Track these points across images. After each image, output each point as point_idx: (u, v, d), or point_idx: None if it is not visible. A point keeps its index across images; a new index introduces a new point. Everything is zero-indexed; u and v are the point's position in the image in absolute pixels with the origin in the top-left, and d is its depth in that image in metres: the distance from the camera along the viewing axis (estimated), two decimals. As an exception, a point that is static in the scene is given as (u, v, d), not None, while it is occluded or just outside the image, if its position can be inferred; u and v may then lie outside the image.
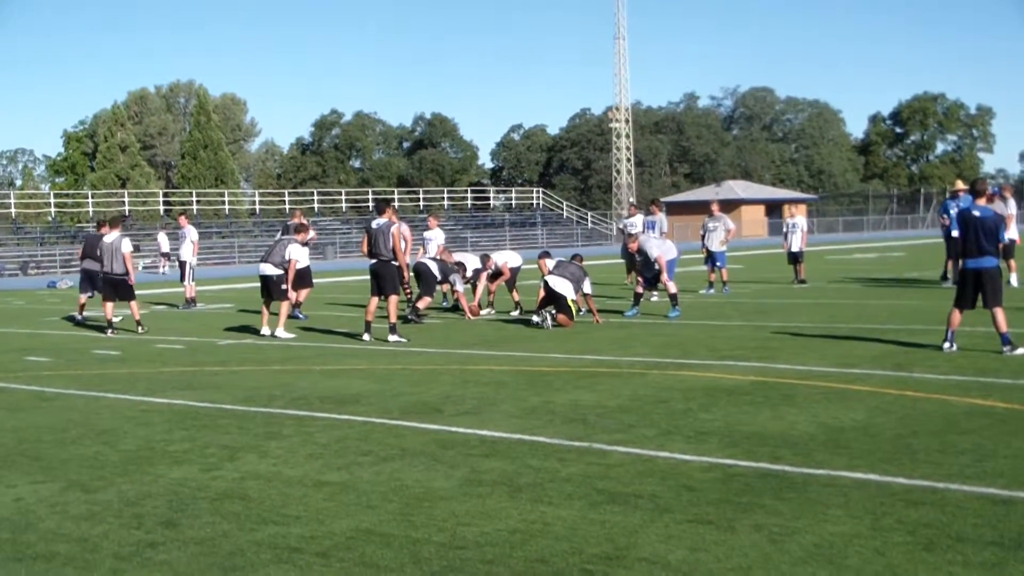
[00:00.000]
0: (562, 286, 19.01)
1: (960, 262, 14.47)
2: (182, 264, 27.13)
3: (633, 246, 21.00)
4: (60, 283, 42.94)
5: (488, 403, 11.27)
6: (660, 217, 26.56)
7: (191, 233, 27.38)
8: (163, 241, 52.24)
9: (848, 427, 9.46)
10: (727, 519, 6.74)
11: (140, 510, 7.40)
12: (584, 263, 20.09)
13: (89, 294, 23.44)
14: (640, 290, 21.23)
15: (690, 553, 6.11)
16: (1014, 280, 24.56)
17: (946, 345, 14.17)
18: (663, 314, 20.46)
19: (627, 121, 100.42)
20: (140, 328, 20.58)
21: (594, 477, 7.90)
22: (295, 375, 14.08)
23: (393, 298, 17.79)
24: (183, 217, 28.76)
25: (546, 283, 19.19)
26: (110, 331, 20.65)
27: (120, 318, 21.58)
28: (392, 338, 17.50)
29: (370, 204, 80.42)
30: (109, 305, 20.92)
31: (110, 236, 20.78)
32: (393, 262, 17.65)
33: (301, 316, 22.27)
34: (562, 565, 5.96)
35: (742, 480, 7.69)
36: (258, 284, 20.02)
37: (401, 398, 11.80)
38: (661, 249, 21.00)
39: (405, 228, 19.98)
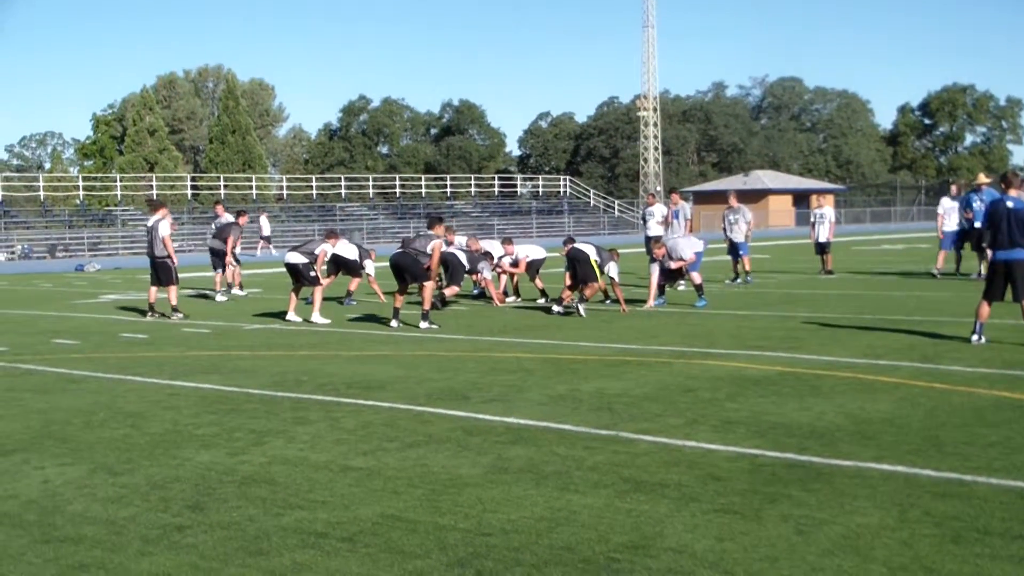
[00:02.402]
0: (584, 248, 19.05)
1: (990, 254, 14.34)
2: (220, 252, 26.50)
3: (660, 252, 20.38)
4: (88, 266, 43.12)
5: (515, 390, 11.28)
6: (683, 206, 26.02)
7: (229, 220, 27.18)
8: (264, 224, 52.70)
9: (875, 419, 9.43)
10: (754, 509, 6.72)
11: (167, 493, 7.43)
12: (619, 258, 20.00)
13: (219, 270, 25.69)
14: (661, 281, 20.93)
15: (716, 543, 6.09)
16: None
17: (974, 338, 14.09)
18: (690, 303, 20.41)
19: (655, 110, 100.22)
20: (176, 314, 20.39)
21: (620, 466, 7.89)
22: (322, 360, 14.11)
23: (428, 284, 17.83)
24: (219, 206, 28.52)
25: (569, 253, 19.19)
26: (150, 315, 20.74)
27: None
28: (423, 325, 17.55)
29: (397, 191, 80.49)
30: (153, 289, 21.09)
31: (152, 219, 21.05)
32: (420, 258, 17.69)
33: (352, 303, 22.43)
34: (588, 553, 5.96)
35: (769, 470, 7.67)
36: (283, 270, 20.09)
37: (427, 384, 11.81)
38: (689, 247, 20.81)
39: (448, 237, 19.89)
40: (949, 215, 26.88)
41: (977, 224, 25.55)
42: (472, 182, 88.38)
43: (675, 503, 6.89)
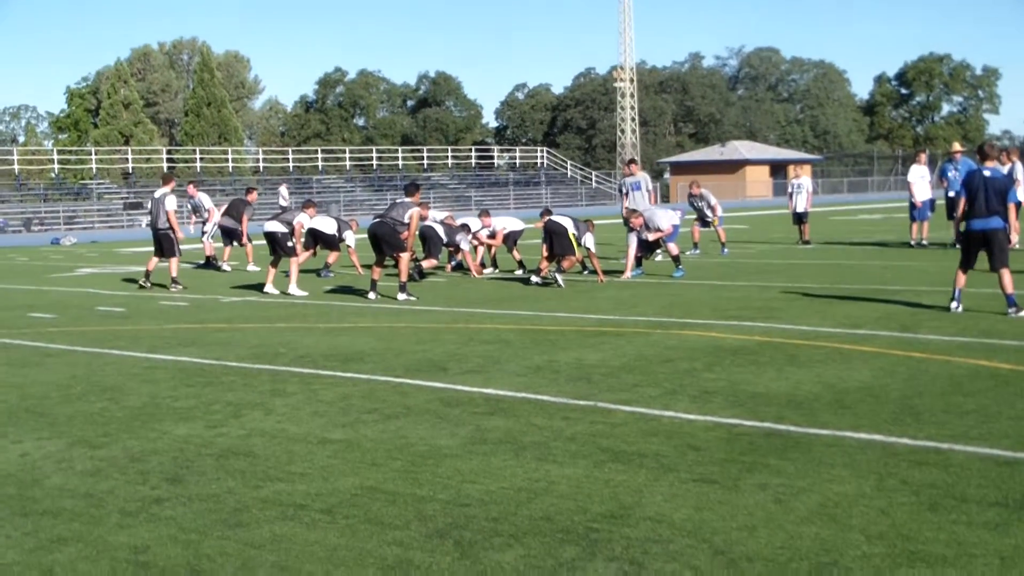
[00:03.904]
0: (562, 220, 19.12)
1: (964, 223, 14.38)
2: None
3: (637, 222, 20.38)
4: (63, 239, 42.92)
5: (493, 362, 11.28)
6: (641, 176, 24.57)
7: (206, 201, 27.03)
8: (284, 194, 52.50)
9: (853, 388, 9.46)
10: (732, 478, 6.74)
11: (145, 466, 7.41)
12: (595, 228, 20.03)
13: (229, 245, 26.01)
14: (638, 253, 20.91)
15: (695, 512, 6.11)
16: (1016, 242, 24.48)
17: (953, 304, 14.15)
18: (667, 274, 20.43)
19: (632, 81, 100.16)
20: (175, 286, 20.56)
21: (599, 436, 7.91)
22: (299, 333, 14.09)
23: (404, 256, 17.81)
24: (192, 186, 28.21)
25: (547, 226, 19.22)
26: (143, 281, 21.06)
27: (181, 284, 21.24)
28: (401, 296, 17.55)
29: (374, 163, 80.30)
30: (154, 259, 21.37)
31: (159, 191, 21.36)
32: (398, 228, 17.67)
33: (329, 275, 22.39)
34: (567, 523, 5.97)
35: (747, 440, 7.69)
36: (263, 242, 20.07)
37: (406, 356, 11.80)
38: (667, 218, 20.86)
39: (422, 212, 19.75)
40: (918, 184, 26.78)
41: (951, 193, 25.63)
42: (449, 154, 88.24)
43: (653, 473, 6.91)
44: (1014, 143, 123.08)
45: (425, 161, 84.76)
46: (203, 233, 26.73)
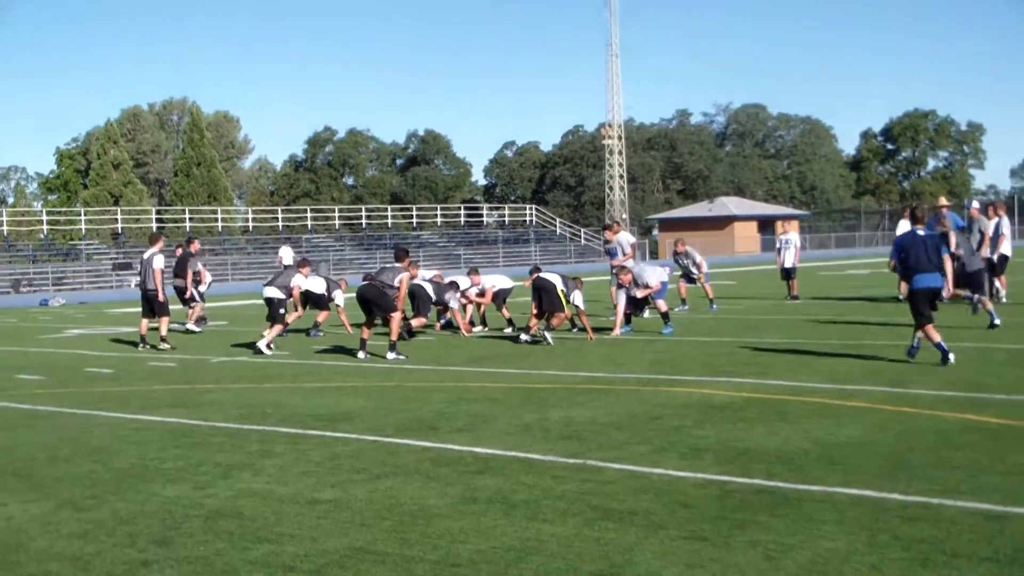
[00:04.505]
0: (550, 277, 19.17)
1: (910, 281, 14.63)
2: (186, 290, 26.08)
3: (626, 279, 20.36)
4: (52, 300, 42.83)
5: (482, 420, 11.26)
6: (617, 241, 23.41)
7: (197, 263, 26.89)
8: (286, 254, 52.55)
9: (842, 443, 9.46)
10: (722, 536, 6.72)
11: (133, 528, 7.37)
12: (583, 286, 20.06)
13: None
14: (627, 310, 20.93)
15: (686, 570, 6.09)
16: (1003, 296, 24.58)
17: (951, 356, 14.23)
18: (656, 331, 20.43)
19: (620, 138, 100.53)
20: (163, 344, 20.79)
21: (589, 494, 7.88)
22: (288, 392, 14.05)
23: (395, 315, 17.88)
24: (179, 248, 28.06)
25: (535, 283, 19.26)
26: (141, 346, 20.98)
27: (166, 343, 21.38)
28: (391, 356, 17.54)
29: (363, 222, 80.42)
30: (144, 321, 21.41)
31: (148, 252, 21.55)
32: (387, 290, 17.81)
33: (319, 334, 22.38)
34: (557, 583, 5.94)
35: (737, 496, 7.68)
36: (259, 302, 20.19)
37: (395, 415, 11.78)
38: (655, 275, 20.90)
39: (412, 273, 19.78)
40: None
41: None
42: (438, 212, 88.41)
43: (644, 530, 6.89)
44: (999, 197, 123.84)
45: (414, 219, 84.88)
46: (199, 295, 26.51)
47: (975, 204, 26.38)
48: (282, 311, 19.80)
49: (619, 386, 13.54)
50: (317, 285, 21.97)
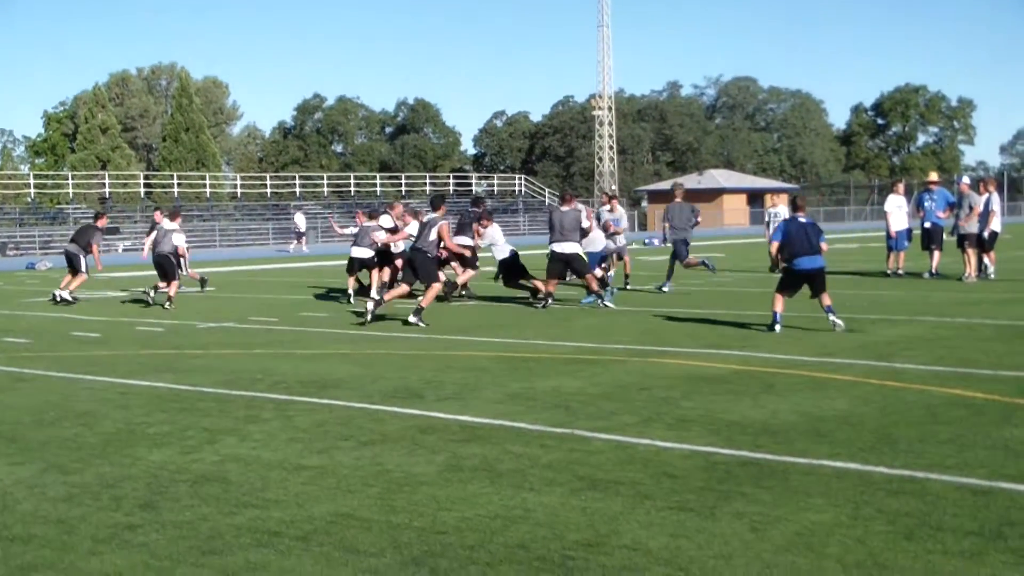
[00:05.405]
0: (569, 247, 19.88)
1: (790, 262, 15.79)
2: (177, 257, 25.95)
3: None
4: (39, 264, 42.72)
5: (470, 389, 11.26)
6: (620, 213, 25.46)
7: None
8: (300, 221, 52.59)
9: (829, 416, 9.47)
10: (708, 507, 6.73)
11: (119, 492, 7.36)
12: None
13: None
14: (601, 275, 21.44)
15: (671, 540, 6.10)
16: (992, 272, 24.62)
17: (777, 328, 15.50)
18: (642, 303, 20.41)
19: (610, 109, 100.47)
20: (169, 304, 21.99)
21: (575, 464, 7.89)
22: (276, 359, 14.04)
23: (435, 286, 18.16)
24: (158, 212, 27.97)
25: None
26: (152, 292, 22.83)
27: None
28: (413, 319, 17.65)
29: (352, 189, 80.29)
30: (161, 284, 23.06)
31: (167, 224, 23.69)
32: (430, 254, 18.20)
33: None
34: (543, 551, 5.95)
35: (723, 468, 7.68)
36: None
37: (382, 383, 11.77)
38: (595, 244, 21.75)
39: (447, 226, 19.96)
40: (894, 214, 26.84)
41: (928, 224, 25.77)
42: (427, 181, 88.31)
43: (630, 501, 6.89)
44: (989, 174, 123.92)
45: (403, 188, 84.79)
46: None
47: (965, 179, 26.37)
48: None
49: (607, 356, 13.55)
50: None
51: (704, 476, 7.47)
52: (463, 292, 22.79)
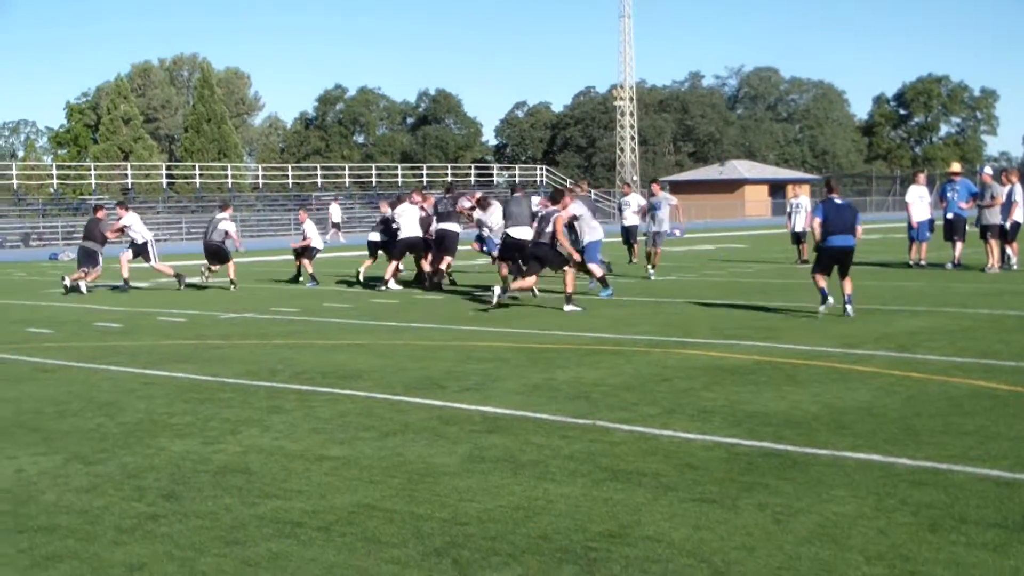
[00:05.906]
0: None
1: (824, 240, 16.26)
2: (143, 246, 25.99)
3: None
4: (62, 255, 42.88)
5: (491, 379, 11.26)
6: (664, 197, 26.50)
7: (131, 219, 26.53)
8: (335, 211, 53.17)
9: (851, 407, 9.44)
10: (731, 498, 6.72)
11: (141, 483, 7.38)
12: None
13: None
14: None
15: (694, 531, 6.09)
16: (1014, 263, 24.53)
17: (822, 308, 16.03)
18: (659, 294, 20.38)
19: (631, 99, 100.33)
20: (233, 286, 24.58)
21: (597, 455, 7.88)
22: (297, 349, 14.06)
23: (570, 270, 18.53)
24: (120, 207, 27.90)
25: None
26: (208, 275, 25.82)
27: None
28: (568, 308, 17.99)
29: (374, 180, 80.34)
30: (215, 267, 25.75)
31: (219, 215, 25.77)
32: (551, 242, 18.57)
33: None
34: (565, 542, 5.94)
35: (745, 459, 7.67)
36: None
37: (404, 374, 11.78)
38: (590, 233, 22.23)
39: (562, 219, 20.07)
40: (916, 204, 26.70)
41: (950, 215, 25.70)
42: (448, 171, 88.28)
43: (652, 492, 6.88)
44: (1012, 164, 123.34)
45: (424, 179, 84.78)
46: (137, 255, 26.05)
47: (988, 170, 26.29)
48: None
49: (628, 347, 13.53)
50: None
51: (726, 467, 7.46)
52: (448, 277, 24.05)
